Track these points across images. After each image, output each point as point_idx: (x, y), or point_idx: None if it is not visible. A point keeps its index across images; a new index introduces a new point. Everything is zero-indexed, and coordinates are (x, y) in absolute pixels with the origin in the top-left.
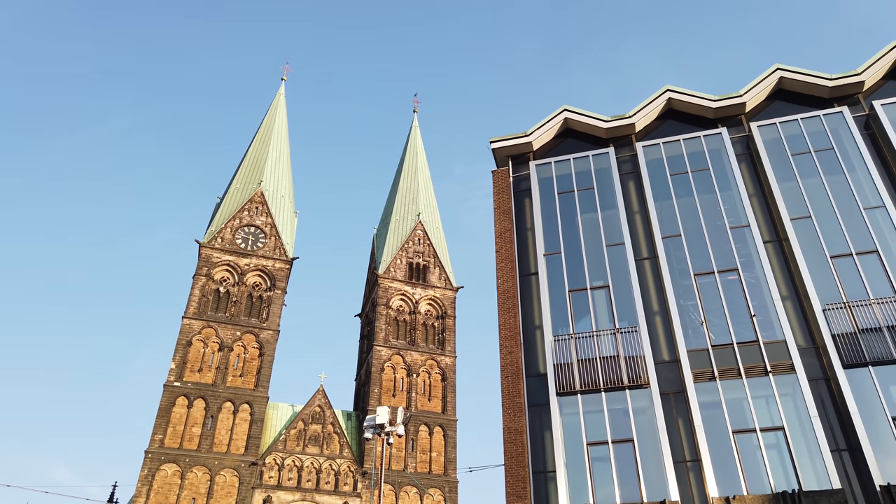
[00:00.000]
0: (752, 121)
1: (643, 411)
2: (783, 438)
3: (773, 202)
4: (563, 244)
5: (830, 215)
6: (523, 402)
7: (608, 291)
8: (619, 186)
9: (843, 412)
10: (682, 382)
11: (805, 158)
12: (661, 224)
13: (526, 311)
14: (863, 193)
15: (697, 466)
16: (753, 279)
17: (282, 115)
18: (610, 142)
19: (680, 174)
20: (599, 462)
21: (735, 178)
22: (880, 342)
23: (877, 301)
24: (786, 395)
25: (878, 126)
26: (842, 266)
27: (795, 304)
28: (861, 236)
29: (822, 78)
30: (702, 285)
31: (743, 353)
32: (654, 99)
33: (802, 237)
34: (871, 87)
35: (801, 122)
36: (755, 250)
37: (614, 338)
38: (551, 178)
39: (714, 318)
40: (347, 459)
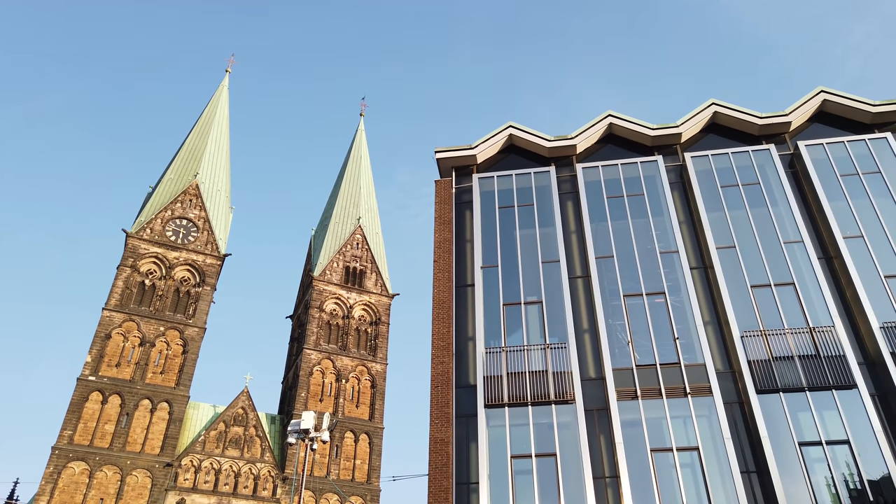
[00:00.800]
0: (686, 151)
1: (567, 426)
2: (697, 458)
3: (702, 230)
4: (501, 258)
5: (753, 247)
6: (451, 413)
7: (541, 307)
8: (557, 205)
9: (754, 435)
10: (606, 400)
11: (733, 191)
12: (596, 244)
13: (460, 322)
14: (784, 228)
15: (616, 483)
16: (679, 303)
17: (223, 108)
18: (552, 161)
19: (616, 197)
20: (522, 475)
21: (667, 204)
22: (791, 370)
23: (790, 331)
24: (702, 416)
25: (801, 165)
26: (760, 296)
27: (716, 329)
28: (780, 268)
29: (752, 115)
30: (630, 306)
31: (665, 374)
32: (595, 123)
33: (726, 266)
34: (796, 128)
35: (732, 156)
36: (682, 275)
37: (544, 353)
38: (493, 191)
39: (640, 338)
40: (268, 464)
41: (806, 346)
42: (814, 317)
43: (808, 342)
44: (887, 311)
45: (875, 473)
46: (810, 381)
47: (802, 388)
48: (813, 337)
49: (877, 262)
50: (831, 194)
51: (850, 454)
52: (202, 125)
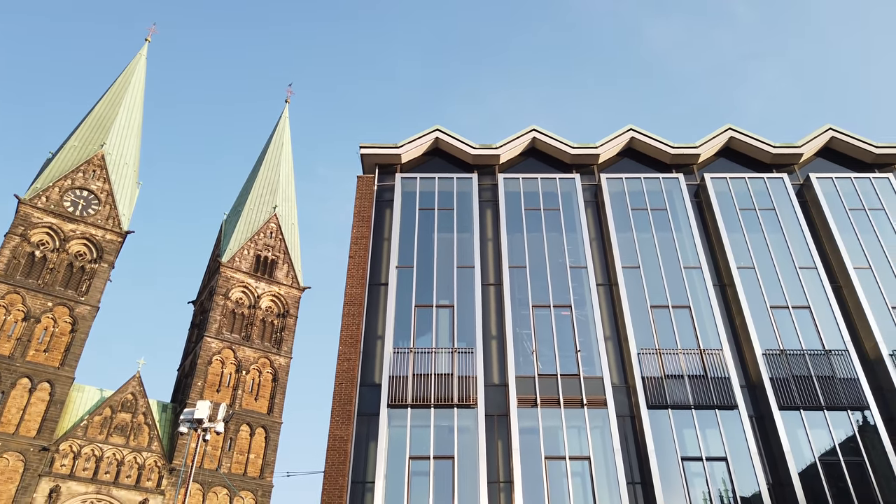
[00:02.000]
0: (602, 172)
1: (467, 430)
2: (588, 468)
3: (610, 249)
4: (417, 259)
5: (656, 269)
6: (353, 411)
7: (452, 311)
8: (477, 212)
9: (641, 448)
10: (507, 406)
11: (642, 214)
12: (510, 254)
13: (370, 321)
14: (685, 254)
15: (509, 488)
16: (583, 317)
17: (139, 78)
18: (475, 168)
19: (533, 210)
20: (419, 476)
21: (581, 222)
22: (681, 389)
23: (683, 351)
24: (596, 427)
25: (706, 196)
26: (659, 316)
27: (616, 345)
28: (678, 292)
29: (665, 144)
30: (538, 317)
31: (564, 385)
32: (520, 136)
33: (630, 285)
34: (704, 160)
35: (644, 181)
36: (589, 291)
37: (451, 356)
38: (415, 192)
39: (544, 348)
40: (155, 453)
41: (696, 366)
42: (705, 340)
43: (697, 363)
44: (770, 340)
45: (747, 490)
46: (697, 399)
47: (689, 406)
48: (703, 358)
49: (765, 293)
50: (730, 226)
51: (726, 471)
52: (115, 93)
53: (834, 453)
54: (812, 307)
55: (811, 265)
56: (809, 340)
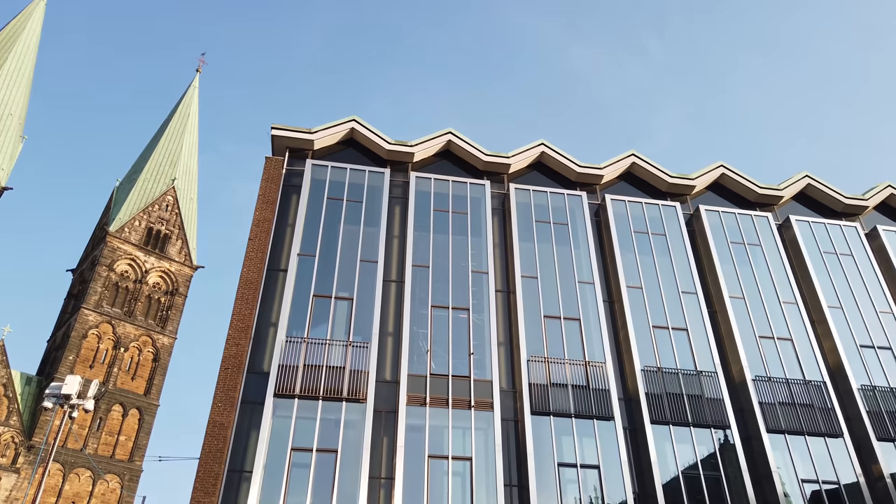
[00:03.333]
0: (512, 182)
1: (354, 425)
2: (469, 468)
3: (512, 258)
4: (320, 249)
5: (552, 280)
6: (237, 398)
7: (351, 304)
8: (386, 208)
9: (522, 452)
10: (397, 403)
11: (545, 227)
12: (415, 253)
13: (265, 307)
14: (580, 269)
15: (390, 484)
16: (480, 321)
17: (35, 25)
18: (388, 163)
19: (442, 211)
20: (299, 468)
21: (487, 228)
22: (564, 397)
23: (569, 362)
24: (480, 429)
25: (605, 216)
26: (550, 326)
27: (508, 350)
28: (570, 304)
29: (573, 163)
30: (436, 317)
31: (455, 386)
32: (436, 137)
33: (527, 294)
34: (607, 182)
35: (550, 195)
36: (487, 296)
37: (345, 350)
38: (325, 181)
39: (439, 349)
40: (13, 428)
41: (580, 377)
42: (591, 352)
43: (582, 374)
44: (649, 357)
45: (615, 498)
46: (577, 408)
47: (570, 415)
48: (587, 370)
49: (649, 313)
50: (624, 246)
51: (598, 478)
52: (4, 39)
53: (695, 467)
54: (689, 329)
55: (692, 290)
56: (684, 360)
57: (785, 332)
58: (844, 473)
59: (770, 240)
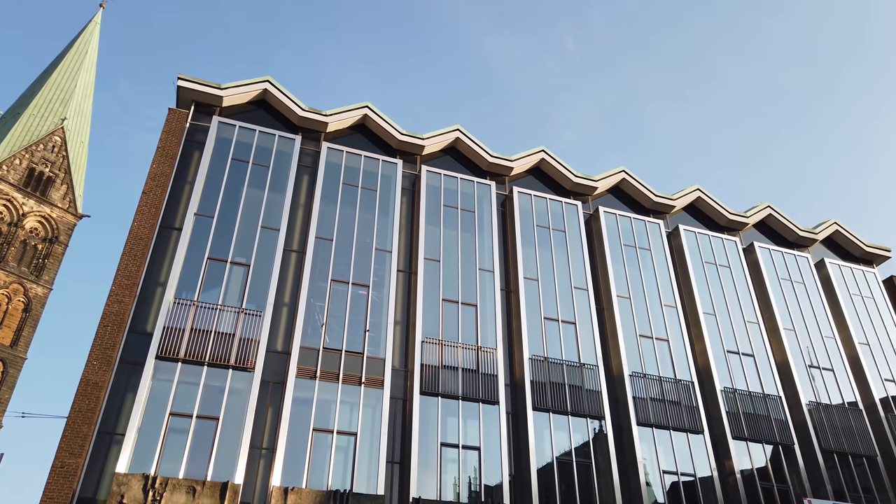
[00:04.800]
0: (424, 164)
1: (239, 393)
2: (353, 444)
3: (417, 239)
4: (220, 210)
5: (454, 265)
6: (115, 357)
7: (247, 270)
8: (293, 175)
9: (407, 430)
10: (286, 374)
11: (452, 212)
12: (320, 224)
13: (154, 265)
14: (482, 256)
15: (270, 455)
16: (379, 299)
17: None
18: (300, 130)
19: (351, 186)
20: (176, 434)
21: (395, 207)
22: (453, 379)
23: (462, 346)
24: (369, 406)
25: (511, 207)
26: (448, 309)
27: (404, 330)
28: (469, 290)
29: (485, 151)
30: (335, 291)
31: (347, 361)
32: (351, 109)
33: (429, 276)
34: (516, 174)
35: (460, 181)
36: (389, 275)
37: (237, 316)
38: (231, 140)
39: (334, 323)
40: None
41: (471, 361)
42: (483, 338)
43: (473, 358)
44: (538, 347)
45: (492, 480)
46: (465, 391)
47: (458, 397)
48: (478, 355)
49: (542, 305)
50: (525, 239)
51: (478, 460)
52: None
53: (569, 454)
54: (577, 324)
55: (584, 287)
56: (569, 352)
57: (663, 332)
58: (701, 467)
59: (659, 246)
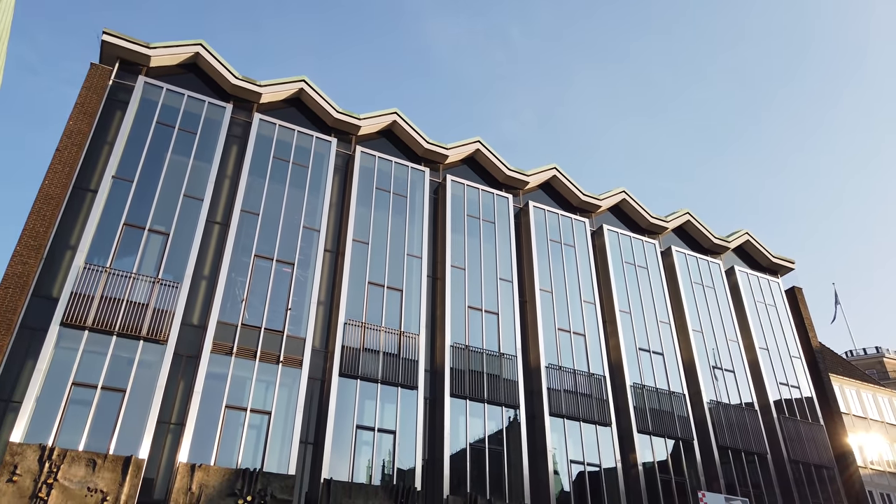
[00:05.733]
0: (359, 144)
1: (149, 365)
2: (267, 422)
3: (347, 220)
4: (140, 174)
5: (382, 249)
6: (16, 321)
7: (166, 239)
8: (222, 145)
9: (323, 412)
10: (200, 349)
11: (384, 195)
12: (246, 197)
13: (64, 227)
14: (412, 242)
15: (179, 430)
16: (303, 278)
17: None
18: (231, 98)
19: (282, 161)
20: (78, 405)
21: (326, 185)
22: (374, 363)
23: (385, 329)
24: (285, 385)
25: (443, 195)
26: (373, 292)
27: (327, 311)
28: (395, 274)
29: (422, 137)
30: (258, 267)
31: (266, 339)
32: (286, 82)
33: (356, 258)
34: (451, 163)
35: (394, 165)
36: (315, 254)
37: (152, 286)
38: (157, 103)
39: (255, 299)
40: None
41: (392, 345)
42: (407, 323)
43: (395, 343)
44: (460, 335)
45: (406, 464)
46: (385, 375)
47: (377, 380)
48: (400, 339)
49: (467, 294)
50: (455, 227)
51: (393, 443)
52: None
53: (483, 441)
54: (500, 314)
55: (509, 279)
56: (490, 342)
57: (580, 327)
58: (606, 458)
59: (583, 243)
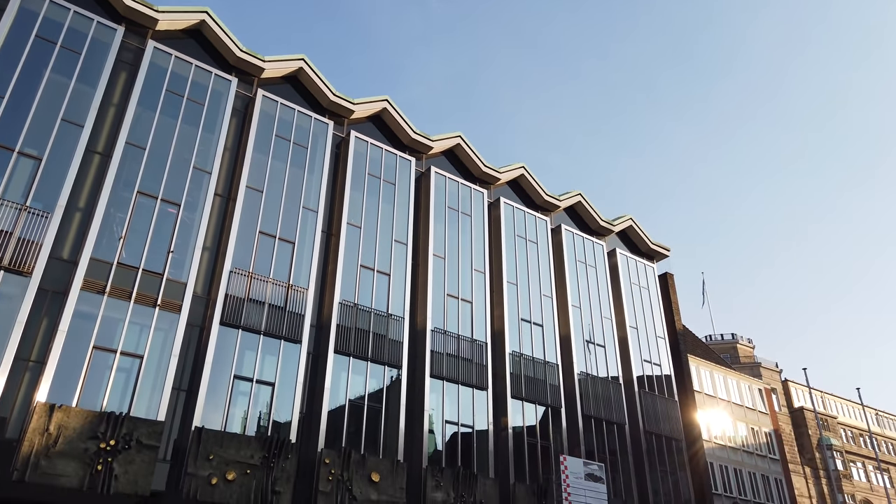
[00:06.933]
0: (260, 87)
1: (9, 299)
2: (138, 366)
3: (241, 165)
4: (11, 93)
5: (277, 199)
6: None
7: (38, 164)
8: (110, 69)
9: (200, 359)
10: (69, 285)
11: (283, 144)
12: (133, 129)
13: None
14: (309, 194)
15: (39, 368)
16: (190, 221)
17: None
18: (124, 20)
19: (176, 94)
20: None
21: (222, 126)
22: (258, 314)
23: (273, 281)
24: (161, 329)
25: (346, 150)
26: (264, 242)
27: (212, 257)
28: (290, 226)
29: (328, 88)
30: (140, 204)
31: (144, 281)
32: (186, 11)
33: (248, 205)
34: (356, 118)
35: (296, 114)
36: (205, 197)
37: (18, 214)
38: (38, 15)
39: (135, 238)
40: None
41: (279, 297)
42: (296, 277)
43: (282, 295)
44: (350, 293)
45: (282, 416)
46: (269, 327)
47: (260, 332)
48: (288, 292)
49: (361, 252)
50: (355, 184)
51: (270, 395)
52: None
53: (362, 398)
54: (392, 276)
55: (404, 241)
56: (379, 302)
57: (468, 295)
58: (480, 421)
59: (480, 214)
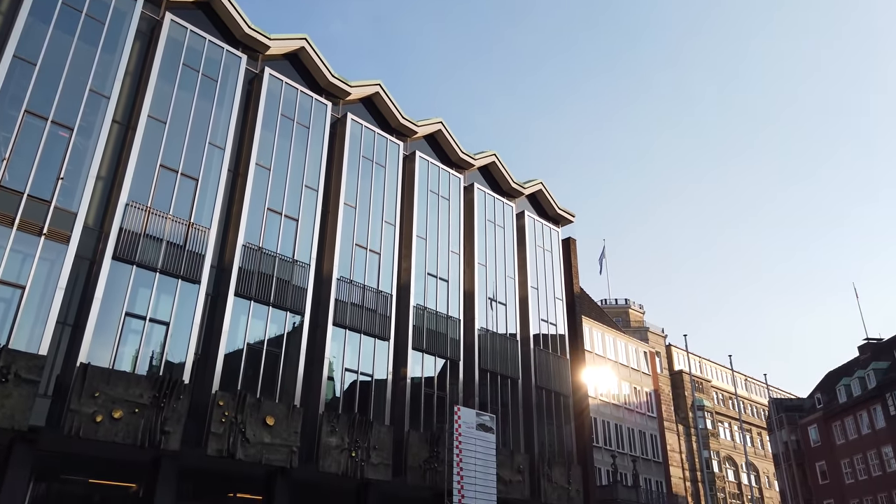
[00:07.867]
0: (169, 10)
1: None
2: (19, 297)
3: (144, 91)
4: None
5: (181, 132)
6: None
7: None
8: None
9: (89, 294)
10: None
11: (191, 74)
12: (22, 42)
13: None
14: (216, 130)
15: None
16: (83, 146)
17: None
18: None
19: (73, 9)
20: None
21: (124, 48)
22: (155, 250)
23: (173, 218)
24: (47, 260)
25: (258, 87)
26: (164, 177)
27: (107, 187)
28: (194, 162)
29: (243, 21)
30: (28, 125)
31: (28, 207)
32: None
33: (149, 136)
34: (272, 54)
35: (207, 43)
36: (101, 123)
37: None
38: None
39: (21, 161)
40: None
41: (179, 235)
42: (199, 215)
43: (182, 233)
44: (255, 236)
45: (176, 358)
46: (165, 265)
47: (155, 269)
48: (188, 231)
49: (269, 195)
50: (266, 124)
51: (164, 335)
52: None
53: (261, 343)
54: (300, 221)
55: (315, 187)
56: (285, 247)
57: (377, 246)
58: (379, 370)
59: (394, 166)
